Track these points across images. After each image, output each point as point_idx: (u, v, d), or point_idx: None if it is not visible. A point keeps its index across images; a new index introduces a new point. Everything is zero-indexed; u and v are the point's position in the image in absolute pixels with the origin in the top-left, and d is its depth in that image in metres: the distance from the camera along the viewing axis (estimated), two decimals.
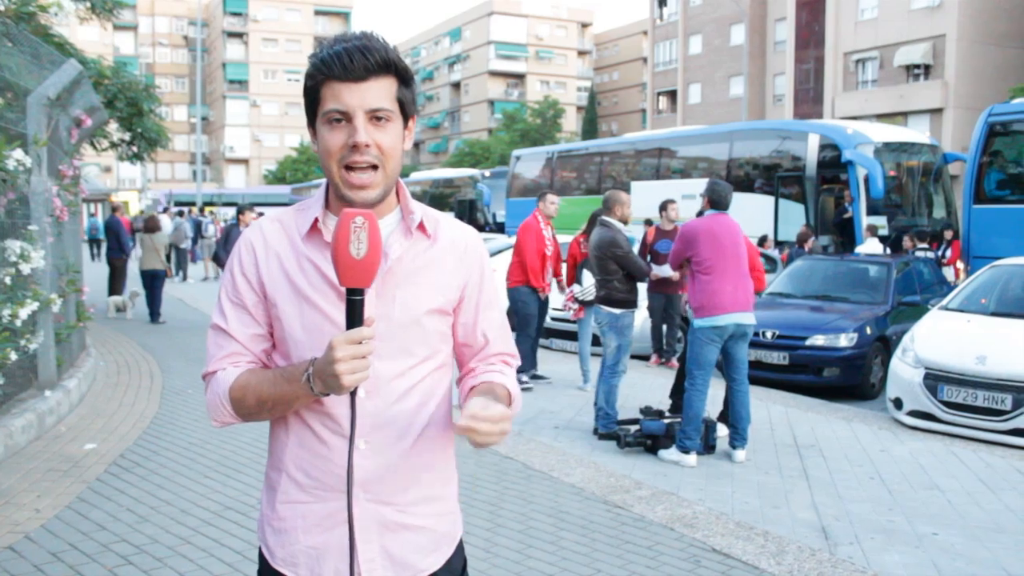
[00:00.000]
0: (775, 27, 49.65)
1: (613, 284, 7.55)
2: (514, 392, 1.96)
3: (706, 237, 6.73)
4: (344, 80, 1.72)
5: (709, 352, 6.74)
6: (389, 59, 1.75)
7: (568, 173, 25.61)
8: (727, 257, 6.68)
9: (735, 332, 6.73)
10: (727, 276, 6.66)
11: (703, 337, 6.72)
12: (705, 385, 6.76)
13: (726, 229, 6.77)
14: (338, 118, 1.73)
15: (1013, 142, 14.15)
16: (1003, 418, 7.31)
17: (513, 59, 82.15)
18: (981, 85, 37.37)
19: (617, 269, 7.54)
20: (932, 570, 4.66)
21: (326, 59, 1.72)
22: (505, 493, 5.85)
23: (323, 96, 1.74)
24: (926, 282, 11.80)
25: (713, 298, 6.66)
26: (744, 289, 6.73)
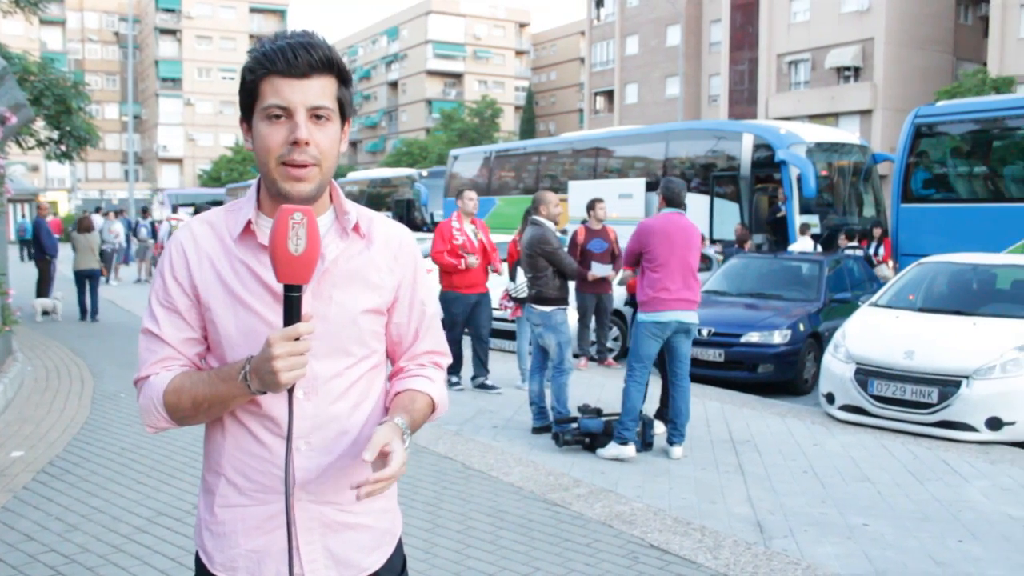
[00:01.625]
0: (710, 29, 50.31)
1: (543, 282, 7.59)
2: (438, 399, 1.97)
3: (660, 234, 6.81)
4: (287, 76, 1.70)
5: (650, 347, 6.81)
6: (332, 58, 1.75)
7: (506, 173, 25.63)
8: (677, 255, 6.75)
9: (678, 329, 6.81)
10: (675, 274, 6.73)
11: (646, 332, 6.79)
12: (644, 378, 6.84)
13: (679, 228, 6.85)
14: (278, 114, 1.71)
15: (938, 143, 14.52)
16: (930, 411, 7.50)
17: (451, 58, 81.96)
18: (908, 87, 38.33)
19: (547, 267, 7.58)
20: (863, 560, 4.76)
21: (269, 53, 1.71)
22: (444, 493, 5.84)
23: (263, 91, 1.72)
24: (856, 279, 12.06)
25: (660, 294, 6.73)
26: (691, 288, 6.81)
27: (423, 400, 1.93)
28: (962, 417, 7.37)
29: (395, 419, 1.77)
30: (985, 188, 14.02)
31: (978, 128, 14.32)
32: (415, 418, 1.86)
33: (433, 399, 1.96)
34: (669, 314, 6.73)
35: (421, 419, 1.91)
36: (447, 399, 2.03)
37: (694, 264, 6.86)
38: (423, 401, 1.93)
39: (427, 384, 1.97)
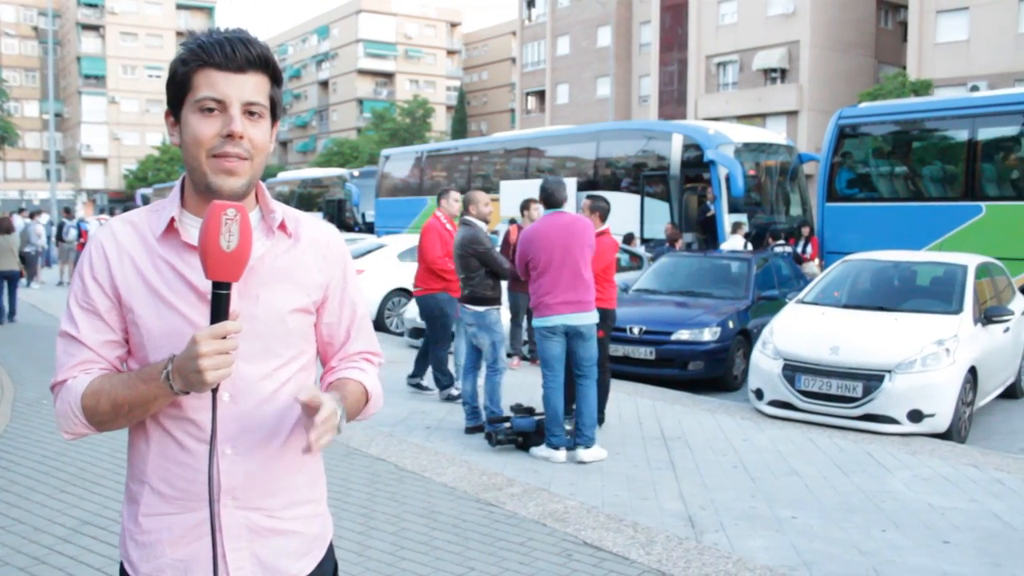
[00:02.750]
0: (640, 30, 50.83)
1: (476, 282, 7.56)
2: (372, 390, 1.95)
3: (537, 238, 6.77)
4: (223, 69, 1.68)
5: (550, 348, 6.79)
6: (268, 56, 1.74)
7: (438, 173, 25.57)
8: (556, 257, 6.66)
9: (569, 332, 6.74)
10: (557, 277, 6.65)
11: (541, 335, 6.82)
12: (556, 382, 6.80)
13: (559, 228, 6.74)
14: (212, 107, 1.69)
15: (861, 144, 14.87)
16: (855, 405, 7.68)
17: (382, 58, 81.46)
18: (832, 89, 39.22)
19: (479, 266, 7.54)
20: (792, 552, 4.85)
21: (205, 46, 1.68)
22: (377, 495, 5.80)
23: (196, 83, 1.69)
24: (784, 277, 12.28)
25: (543, 298, 6.72)
26: (577, 289, 6.66)
27: (357, 387, 1.91)
28: (885, 410, 7.56)
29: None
30: (906, 187, 14.40)
31: (899, 129, 14.70)
32: (349, 401, 1.83)
33: (367, 388, 1.93)
34: (556, 319, 6.68)
35: (355, 405, 1.88)
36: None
37: (581, 262, 6.70)
38: (357, 388, 1.90)
39: (360, 374, 1.95)
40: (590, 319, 6.77)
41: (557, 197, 6.90)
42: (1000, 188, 13.20)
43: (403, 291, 14.37)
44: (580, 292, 6.69)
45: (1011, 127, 13.33)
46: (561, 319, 6.69)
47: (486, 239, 7.69)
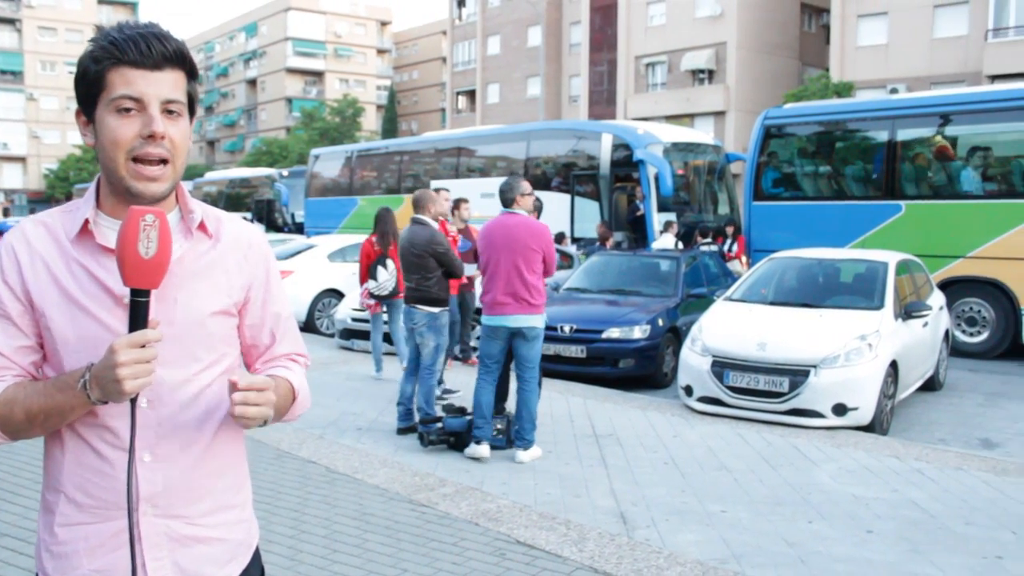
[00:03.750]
0: (570, 30, 51.11)
1: (432, 283, 7.50)
2: (299, 388, 1.92)
3: (482, 237, 6.83)
4: (139, 67, 1.63)
5: (490, 347, 6.82)
6: (183, 51, 1.69)
7: (368, 172, 25.39)
8: (497, 258, 6.68)
9: (510, 332, 6.76)
10: (497, 277, 6.67)
11: (484, 333, 6.85)
12: (489, 377, 6.83)
13: (503, 228, 6.76)
14: (129, 107, 1.64)
15: (786, 144, 15.14)
16: (781, 400, 7.83)
17: (311, 56, 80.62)
18: (759, 90, 39.92)
19: (437, 267, 7.47)
20: (721, 545, 4.93)
21: (118, 42, 1.63)
22: (308, 498, 5.74)
23: (111, 82, 1.64)
24: (712, 275, 12.46)
25: (484, 297, 6.77)
26: (517, 290, 6.63)
27: (284, 383, 1.87)
28: (811, 404, 7.72)
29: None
30: (829, 187, 14.71)
31: (822, 130, 15.00)
32: (278, 395, 1.79)
33: (294, 386, 1.90)
34: (496, 319, 6.70)
35: (283, 401, 1.85)
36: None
37: (522, 263, 6.65)
38: (284, 384, 1.87)
39: (287, 372, 1.92)
40: (531, 321, 6.73)
41: (506, 196, 6.89)
42: (918, 187, 13.57)
43: (334, 292, 14.26)
44: (521, 293, 6.65)
45: (928, 128, 13.71)
46: (501, 320, 6.70)
47: (444, 240, 7.66)
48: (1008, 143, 13.08)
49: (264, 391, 1.66)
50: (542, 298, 6.78)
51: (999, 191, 12.84)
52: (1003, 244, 12.30)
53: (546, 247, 6.77)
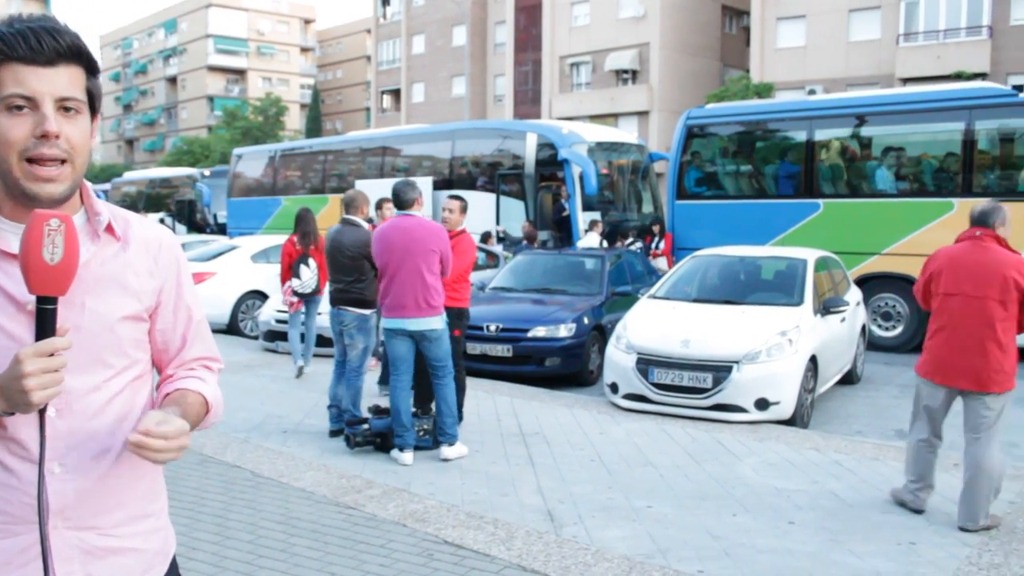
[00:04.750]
0: (495, 30, 51.19)
1: (365, 285, 7.41)
2: (212, 400, 1.87)
3: (379, 240, 6.75)
4: (30, 63, 1.56)
5: (395, 348, 6.75)
6: (79, 46, 1.62)
7: (292, 172, 25.07)
8: (395, 260, 6.61)
9: (414, 335, 6.70)
10: (397, 279, 6.61)
11: (386, 336, 6.81)
12: (400, 381, 6.77)
13: (401, 231, 6.67)
14: (21, 104, 1.57)
15: (708, 143, 15.38)
16: (705, 395, 7.94)
17: (233, 54, 79.35)
18: (681, 91, 40.50)
19: (370, 269, 7.39)
20: (648, 540, 4.99)
21: (7, 37, 1.56)
22: (233, 503, 5.65)
23: (1, 79, 1.57)
24: (637, 273, 12.59)
25: (383, 299, 6.72)
26: (417, 293, 6.58)
27: (195, 398, 1.82)
28: (734, 400, 7.85)
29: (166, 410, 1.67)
30: (750, 186, 14.99)
31: (743, 130, 15.27)
32: (187, 412, 1.74)
33: (206, 398, 1.85)
34: (397, 322, 6.65)
35: (195, 417, 1.79)
36: (222, 403, 1.94)
37: (423, 266, 6.59)
38: (195, 399, 1.82)
39: (199, 384, 1.87)
40: (432, 323, 6.67)
41: (402, 199, 6.81)
42: (835, 186, 13.90)
43: (257, 294, 14.06)
44: (421, 296, 6.58)
45: (845, 129, 14.06)
46: (401, 323, 6.62)
47: None
48: (920, 144, 13.48)
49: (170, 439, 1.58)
50: (441, 299, 6.75)
51: (911, 190, 13.23)
52: (916, 241, 12.68)
53: (443, 248, 6.71)
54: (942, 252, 5.60)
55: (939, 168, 13.15)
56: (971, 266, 5.35)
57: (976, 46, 31.54)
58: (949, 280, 5.42)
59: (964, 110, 12.70)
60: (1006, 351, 5.28)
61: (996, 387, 5.28)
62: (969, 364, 5.32)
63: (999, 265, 5.27)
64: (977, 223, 5.50)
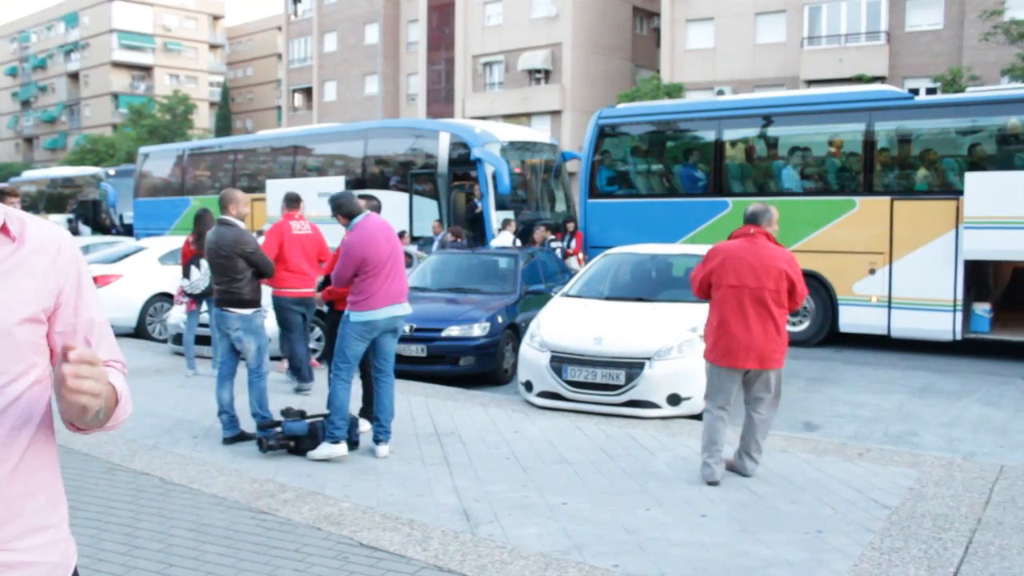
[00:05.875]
0: (408, 28, 50.94)
1: (242, 285, 7.30)
2: (121, 390, 1.82)
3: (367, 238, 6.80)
4: None
5: (358, 346, 6.76)
6: None
7: (201, 172, 24.54)
8: (390, 256, 6.80)
9: (387, 327, 6.81)
10: (390, 274, 6.77)
11: (354, 332, 6.74)
12: (349, 377, 6.79)
13: (380, 229, 6.87)
14: None
15: (620, 143, 15.57)
16: (618, 392, 8.04)
17: (139, 50, 77.27)
18: (593, 90, 40.92)
19: (246, 268, 7.28)
20: (563, 537, 5.03)
21: None
22: (141, 512, 5.51)
23: None
24: (550, 271, 12.68)
25: (375, 294, 6.71)
26: (400, 286, 6.86)
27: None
28: (646, 396, 7.97)
29: None
30: (661, 184, 15.22)
31: (654, 129, 15.51)
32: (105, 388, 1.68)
33: (115, 386, 1.79)
34: (381, 311, 6.72)
35: (109, 403, 1.74)
36: (129, 399, 1.88)
37: (399, 262, 6.91)
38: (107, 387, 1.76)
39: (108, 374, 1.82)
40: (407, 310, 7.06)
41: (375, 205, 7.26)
42: (744, 185, 14.22)
43: (166, 296, 13.73)
44: (404, 289, 6.96)
45: (752, 129, 14.39)
46: (390, 310, 6.77)
47: (252, 240, 7.46)
48: (824, 143, 13.88)
49: (96, 365, 1.56)
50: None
51: (816, 188, 13.61)
52: (821, 238, 13.05)
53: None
54: (720, 248, 6.38)
55: (842, 167, 13.55)
56: (751, 261, 6.12)
57: (875, 50, 32.61)
58: (731, 274, 6.16)
59: (864, 112, 13.11)
60: (781, 333, 6.16)
61: (776, 364, 6.16)
62: (753, 346, 6.09)
63: (774, 260, 6.10)
64: (750, 222, 6.35)
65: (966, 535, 5.07)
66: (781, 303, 6.10)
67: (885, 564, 4.64)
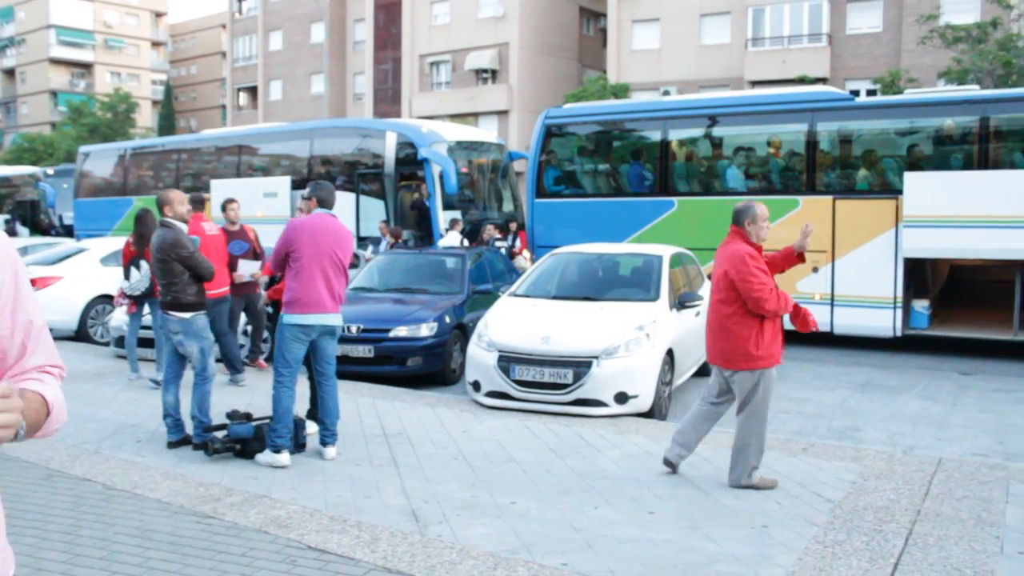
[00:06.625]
0: (354, 27, 50.62)
1: (180, 287, 7.20)
2: (53, 401, 1.79)
3: (307, 234, 6.68)
4: None
5: (297, 349, 6.71)
6: None
7: (144, 171, 24.16)
8: (323, 255, 6.66)
9: (323, 331, 6.75)
10: (320, 275, 6.63)
11: (290, 335, 6.68)
12: (292, 382, 6.74)
13: (327, 228, 6.75)
14: None
15: (566, 143, 15.65)
16: (566, 391, 8.08)
17: (78, 46, 75.74)
18: (540, 90, 41.03)
19: (183, 271, 7.19)
20: (512, 536, 5.04)
21: None
22: (83, 519, 5.40)
23: None
24: (497, 271, 12.69)
25: (305, 295, 6.62)
26: (335, 289, 6.75)
27: (34, 397, 1.74)
28: (594, 394, 8.01)
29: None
30: (608, 184, 15.32)
31: (601, 129, 15.61)
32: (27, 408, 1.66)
33: (46, 398, 1.76)
34: (315, 316, 6.64)
35: (35, 417, 1.71)
36: (64, 407, 1.84)
37: (342, 264, 6.82)
38: (35, 398, 1.73)
39: (36, 384, 1.79)
40: (340, 320, 6.91)
41: (328, 199, 6.94)
42: (689, 184, 14.37)
43: (108, 298, 13.49)
44: (339, 293, 6.81)
45: (697, 129, 14.55)
46: (321, 318, 6.66)
47: (188, 242, 7.35)
48: (767, 143, 14.08)
49: (8, 398, 1.53)
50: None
51: (760, 187, 13.80)
52: None
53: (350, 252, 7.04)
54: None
55: (785, 167, 13.76)
56: (717, 263, 6.09)
57: (817, 52, 33.13)
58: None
59: (807, 112, 13.33)
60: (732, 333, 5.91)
61: (731, 365, 5.96)
62: (709, 345, 6.16)
63: (722, 262, 6.01)
64: (732, 222, 6.14)
65: (906, 527, 5.19)
66: (729, 302, 5.93)
67: (829, 557, 4.72)
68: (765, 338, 5.89)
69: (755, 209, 6.04)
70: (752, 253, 5.92)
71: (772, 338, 5.93)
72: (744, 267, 5.83)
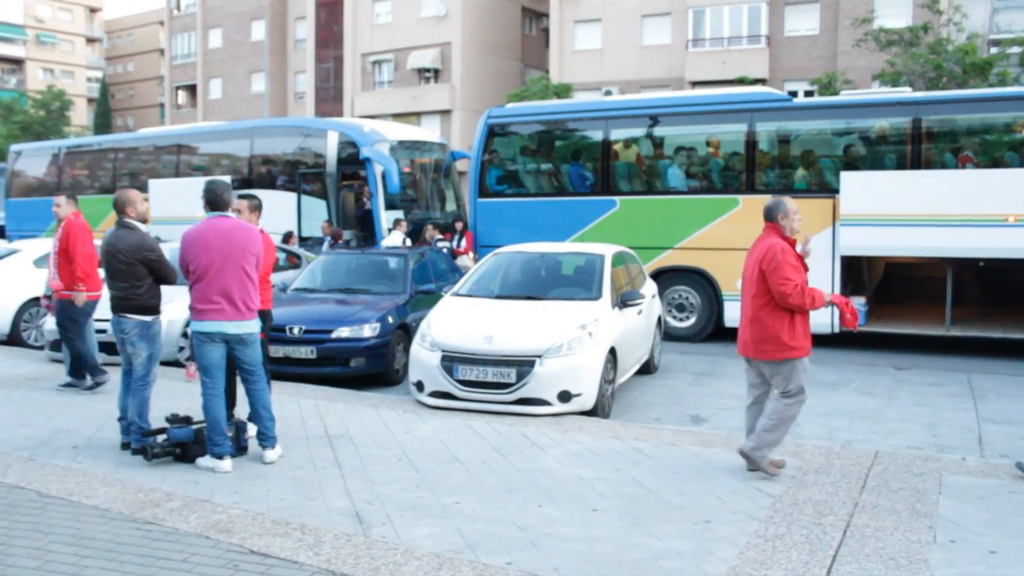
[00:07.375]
0: (295, 25, 50.16)
1: (144, 290, 7.06)
2: None
3: (195, 241, 6.49)
4: None
5: (209, 354, 6.55)
6: None
7: (79, 171, 23.66)
8: (216, 261, 6.42)
9: (230, 339, 6.56)
10: (214, 281, 6.42)
11: (198, 340, 6.55)
12: (215, 388, 6.59)
13: (219, 231, 6.51)
14: None
15: (509, 142, 15.66)
16: (509, 390, 8.09)
17: (9, 41, 73.95)
18: (483, 90, 41.05)
19: (147, 274, 7.06)
20: (457, 536, 5.04)
21: None
22: (15, 528, 5.27)
23: None
24: (440, 271, 12.66)
25: (199, 303, 6.48)
26: (237, 296, 6.47)
27: None
28: (537, 393, 8.04)
29: None
30: (550, 184, 15.37)
31: (543, 129, 15.65)
32: None
33: None
34: (214, 324, 6.47)
35: None
36: None
37: (244, 268, 6.51)
38: None
39: None
40: (251, 326, 6.61)
41: (224, 200, 6.66)
42: (631, 184, 14.48)
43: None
44: (240, 298, 6.48)
45: (638, 129, 14.67)
46: (221, 325, 6.45)
47: (156, 245, 7.24)
48: (707, 143, 14.24)
49: None
50: (259, 302, 6.71)
51: (700, 187, 13.96)
52: (705, 236, 13.40)
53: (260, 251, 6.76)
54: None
55: (725, 167, 13.94)
56: (750, 254, 6.34)
57: (756, 54, 33.63)
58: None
59: (746, 113, 13.52)
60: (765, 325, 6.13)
61: (763, 355, 6.18)
62: (742, 336, 6.37)
63: (757, 255, 6.21)
64: (764, 219, 6.36)
65: (844, 519, 5.30)
66: (761, 294, 6.16)
67: (769, 550, 4.80)
68: (797, 329, 6.14)
69: (786, 204, 6.28)
70: (784, 247, 6.13)
71: (803, 330, 6.18)
72: (775, 260, 6.06)
